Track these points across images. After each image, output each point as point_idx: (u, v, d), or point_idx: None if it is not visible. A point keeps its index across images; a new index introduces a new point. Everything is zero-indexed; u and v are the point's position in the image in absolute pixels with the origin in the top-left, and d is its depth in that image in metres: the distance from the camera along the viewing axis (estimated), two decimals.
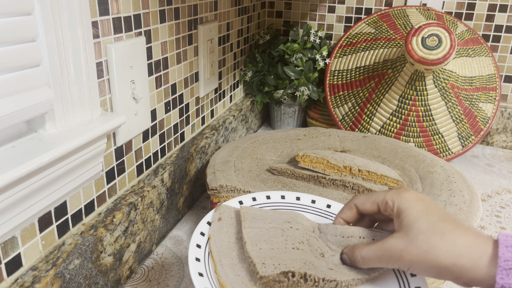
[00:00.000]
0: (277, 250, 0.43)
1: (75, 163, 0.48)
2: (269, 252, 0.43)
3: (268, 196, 0.56)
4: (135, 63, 0.59)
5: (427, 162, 0.73)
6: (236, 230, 0.48)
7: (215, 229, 0.47)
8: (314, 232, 0.48)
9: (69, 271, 0.48)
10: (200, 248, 0.44)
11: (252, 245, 0.44)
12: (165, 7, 0.66)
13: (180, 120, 0.77)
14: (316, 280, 0.41)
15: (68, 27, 0.46)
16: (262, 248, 0.43)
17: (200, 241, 0.45)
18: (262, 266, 0.41)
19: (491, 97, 1.00)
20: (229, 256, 0.44)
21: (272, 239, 0.45)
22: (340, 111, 1.02)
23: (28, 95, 0.43)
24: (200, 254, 0.44)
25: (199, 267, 0.42)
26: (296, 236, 0.46)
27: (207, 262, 0.43)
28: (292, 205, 0.56)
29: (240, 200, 0.54)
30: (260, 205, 0.55)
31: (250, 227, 0.46)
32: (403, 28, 1.03)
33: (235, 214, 0.50)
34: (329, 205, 0.56)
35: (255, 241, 0.44)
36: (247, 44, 1.07)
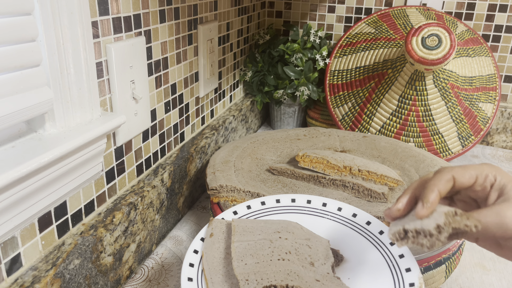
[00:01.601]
0: (262, 263, 0.44)
1: (75, 163, 0.48)
2: (253, 267, 0.44)
3: (263, 202, 0.56)
4: (135, 63, 0.59)
5: (427, 162, 0.73)
6: (226, 245, 0.48)
7: (207, 245, 0.48)
8: (309, 240, 0.48)
9: (69, 271, 0.48)
10: (193, 267, 0.45)
11: (238, 261, 0.44)
12: (165, 7, 0.66)
13: (180, 120, 0.77)
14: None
15: (68, 27, 0.46)
16: (248, 263, 0.44)
17: (193, 260, 0.46)
18: (245, 283, 0.42)
19: (491, 97, 1.00)
20: (219, 273, 0.45)
21: (258, 252, 0.45)
22: (340, 111, 1.02)
23: (28, 95, 0.43)
24: (193, 274, 0.45)
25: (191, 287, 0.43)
26: (283, 246, 0.46)
27: (200, 281, 0.44)
28: (288, 207, 0.56)
29: (235, 211, 0.54)
30: (255, 212, 0.55)
31: (239, 241, 0.47)
32: (403, 28, 1.03)
33: (226, 228, 0.51)
34: (325, 203, 0.56)
35: (241, 256, 0.45)
36: (247, 44, 1.07)
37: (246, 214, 0.54)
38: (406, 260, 0.46)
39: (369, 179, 0.67)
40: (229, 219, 0.53)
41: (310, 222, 0.54)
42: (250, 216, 0.54)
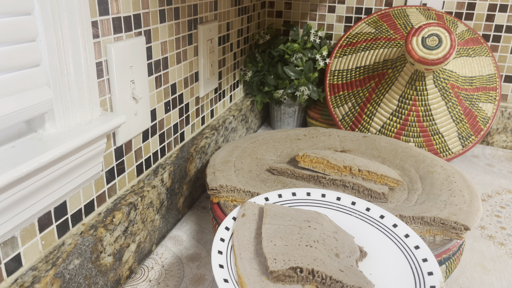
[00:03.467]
0: (291, 246, 0.46)
1: (75, 163, 0.48)
2: (282, 248, 0.46)
3: (294, 193, 0.58)
4: (135, 63, 0.59)
5: (427, 162, 0.73)
6: (257, 226, 0.51)
7: (238, 224, 0.50)
8: (336, 233, 0.50)
9: (69, 271, 0.48)
10: (223, 242, 0.48)
11: (268, 241, 0.47)
12: (165, 7, 0.66)
13: (180, 120, 0.77)
14: (324, 277, 0.43)
15: (68, 27, 0.46)
16: (277, 244, 0.46)
17: (224, 235, 0.49)
18: (273, 261, 0.44)
19: (491, 97, 1.00)
20: (248, 250, 0.47)
21: (287, 236, 0.48)
22: (340, 111, 1.02)
23: (28, 95, 0.43)
24: (222, 248, 0.47)
25: (220, 259, 0.45)
26: (312, 234, 0.48)
27: (229, 255, 0.47)
28: (317, 202, 0.58)
29: (266, 197, 0.57)
30: (285, 201, 0.57)
31: (270, 224, 0.49)
32: (403, 28, 1.02)
33: (258, 211, 0.53)
34: (354, 202, 0.57)
35: (271, 237, 0.47)
36: (247, 44, 1.07)
37: (276, 202, 0.57)
38: (430, 264, 0.47)
39: (369, 179, 0.67)
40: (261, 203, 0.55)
41: (338, 218, 0.55)
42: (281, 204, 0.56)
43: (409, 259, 0.48)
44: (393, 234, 0.52)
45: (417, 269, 0.47)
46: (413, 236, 0.51)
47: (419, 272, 0.46)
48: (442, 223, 0.57)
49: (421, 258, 0.48)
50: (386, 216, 0.55)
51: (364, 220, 0.55)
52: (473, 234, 0.74)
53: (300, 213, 0.52)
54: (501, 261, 0.67)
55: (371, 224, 0.54)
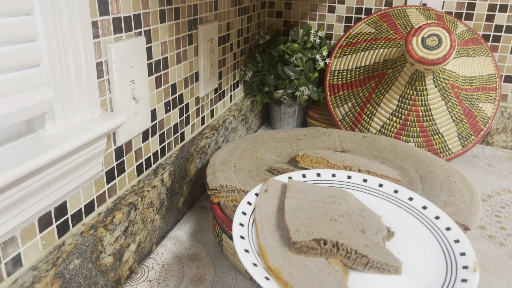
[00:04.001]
0: (314, 219, 0.45)
1: (75, 163, 0.48)
2: (305, 221, 0.45)
3: (318, 173, 0.57)
4: (135, 63, 0.59)
5: (427, 162, 0.73)
6: (279, 201, 0.50)
7: (261, 199, 0.50)
8: (362, 210, 0.48)
9: (69, 271, 0.48)
10: (245, 215, 0.48)
11: (291, 214, 0.46)
12: (165, 7, 0.66)
13: (180, 120, 0.77)
14: (348, 251, 0.42)
15: (68, 27, 0.46)
16: (300, 217, 0.45)
17: (246, 209, 0.49)
18: (296, 232, 0.43)
19: (491, 97, 1.00)
20: (270, 223, 0.46)
21: (311, 209, 0.47)
22: (340, 111, 1.02)
23: (28, 95, 0.43)
24: (244, 220, 0.47)
25: (241, 231, 0.45)
26: (337, 209, 0.47)
27: (250, 228, 0.46)
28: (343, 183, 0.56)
29: (290, 176, 0.56)
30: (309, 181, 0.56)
31: (293, 198, 0.49)
32: (403, 28, 1.03)
33: (281, 187, 0.53)
34: (381, 184, 0.56)
35: (294, 210, 0.46)
36: (247, 44, 1.07)
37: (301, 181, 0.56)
38: (462, 245, 0.45)
39: None
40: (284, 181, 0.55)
41: (365, 199, 0.54)
42: None
43: (439, 240, 0.47)
44: (423, 216, 0.50)
45: (448, 250, 0.45)
46: (443, 217, 0.49)
47: (451, 253, 0.45)
48: None
49: (453, 239, 0.46)
50: (414, 198, 0.53)
51: (392, 202, 0.53)
52: (473, 234, 0.74)
53: (325, 189, 0.51)
54: (501, 261, 0.67)
55: (399, 206, 0.52)
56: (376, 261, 0.41)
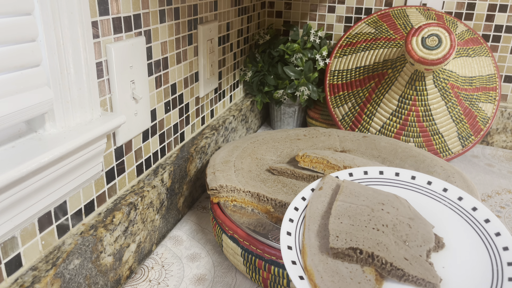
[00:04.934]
0: (356, 227, 0.45)
1: (75, 163, 0.48)
2: (347, 227, 0.45)
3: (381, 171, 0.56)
4: (135, 63, 0.59)
5: (427, 162, 0.73)
6: (330, 201, 0.51)
7: (314, 196, 0.51)
8: (412, 219, 0.47)
9: (69, 271, 0.48)
10: (297, 211, 0.49)
11: (335, 218, 0.46)
12: (165, 7, 0.66)
13: (180, 120, 0.77)
14: (383, 263, 0.42)
15: (68, 27, 0.46)
16: (343, 222, 0.46)
17: (298, 205, 0.50)
18: (335, 238, 0.44)
19: (491, 97, 1.00)
20: (316, 223, 0.47)
21: (356, 216, 0.47)
22: (340, 111, 1.02)
23: (28, 95, 0.43)
24: (295, 216, 0.48)
25: (290, 227, 0.46)
26: (382, 218, 0.47)
27: (300, 224, 0.47)
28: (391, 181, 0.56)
29: (351, 173, 0.56)
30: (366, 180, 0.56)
31: (342, 201, 0.49)
32: (403, 28, 1.03)
33: (336, 186, 0.53)
34: (430, 181, 0.54)
35: (340, 214, 0.47)
36: (247, 44, 1.07)
37: (360, 179, 0.56)
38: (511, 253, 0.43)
39: None
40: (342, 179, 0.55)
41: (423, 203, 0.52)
42: (363, 183, 0.55)
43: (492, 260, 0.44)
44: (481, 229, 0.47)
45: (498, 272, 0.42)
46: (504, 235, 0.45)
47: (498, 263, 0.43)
48: None
49: (507, 262, 0.43)
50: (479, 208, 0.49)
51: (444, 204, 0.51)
52: None
53: (377, 194, 0.50)
54: None
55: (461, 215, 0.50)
56: (412, 275, 0.41)
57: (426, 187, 0.54)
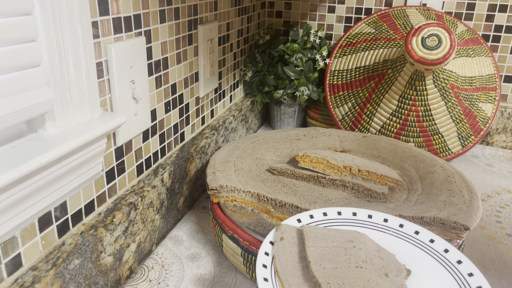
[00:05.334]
0: (341, 269, 0.44)
1: (75, 163, 0.48)
2: (333, 271, 0.44)
3: (325, 213, 0.56)
4: (135, 63, 0.59)
5: (427, 162, 0.73)
6: (299, 249, 0.49)
7: (278, 248, 0.48)
8: (379, 251, 0.48)
9: (69, 271, 0.48)
10: (266, 268, 0.46)
11: (316, 265, 0.45)
12: (165, 7, 0.66)
13: (180, 120, 0.77)
14: None
15: (68, 27, 0.46)
16: (326, 267, 0.45)
17: (265, 262, 0.47)
18: (327, 285, 0.42)
19: (491, 97, 1.00)
20: (295, 276, 0.45)
21: (335, 258, 0.46)
22: (340, 111, 1.02)
23: (28, 95, 0.43)
24: (267, 274, 0.45)
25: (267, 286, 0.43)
26: (359, 255, 0.46)
27: (275, 281, 0.45)
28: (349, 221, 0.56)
29: (298, 218, 0.55)
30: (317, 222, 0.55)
31: (314, 246, 0.48)
32: (403, 28, 1.03)
33: (296, 233, 0.51)
34: (386, 219, 0.55)
35: (319, 260, 0.46)
36: (247, 44, 1.07)
37: (309, 223, 0.54)
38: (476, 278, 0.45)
39: (369, 179, 0.67)
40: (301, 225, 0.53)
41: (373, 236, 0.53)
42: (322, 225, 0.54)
43: (453, 275, 0.46)
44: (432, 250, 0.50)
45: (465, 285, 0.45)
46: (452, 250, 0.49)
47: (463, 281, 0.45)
48: (442, 223, 0.57)
49: (467, 273, 0.46)
50: (421, 231, 0.53)
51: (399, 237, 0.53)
52: (472, 234, 0.74)
53: (341, 233, 0.50)
54: (501, 261, 0.67)
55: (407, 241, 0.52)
56: None
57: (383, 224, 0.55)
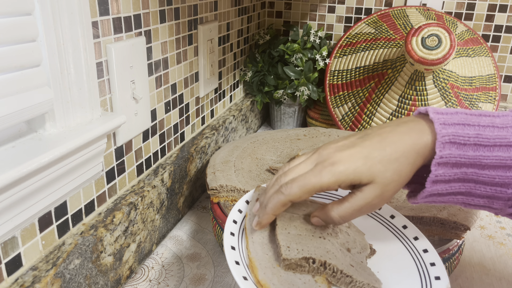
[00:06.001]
0: (304, 236, 0.45)
1: (75, 163, 0.48)
2: (296, 238, 0.45)
3: None
4: (135, 63, 0.59)
5: None
6: None
7: (251, 207, 0.49)
8: (349, 228, 0.50)
9: (69, 271, 0.48)
10: (236, 224, 0.47)
11: (282, 229, 0.46)
12: (165, 7, 0.66)
13: (180, 120, 0.77)
14: (335, 271, 0.43)
15: (68, 27, 0.46)
16: (291, 232, 0.46)
17: (236, 218, 0.48)
18: (287, 249, 0.43)
19: (491, 97, 1.00)
20: (260, 235, 0.46)
21: (302, 225, 0.47)
22: (340, 111, 1.02)
23: (28, 95, 0.43)
24: (235, 229, 0.47)
25: (232, 241, 0.45)
26: (325, 227, 0.47)
27: (241, 238, 0.46)
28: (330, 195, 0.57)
29: None
30: None
31: (285, 211, 0.48)
32: (403, 28, 1.03)
33: None
34: None
35: (285, 225, 0.46)
36: (247, 44, 1.07)
37: None
38: (437, 269, 0.47)
39: None
40: None
41: None
42: None
43: (416, 262, 0.48)
44: (403, 236, 0.52)
45: (424, 272, 0.46)
46: (422, 239, 0.51)
47: (426, 276, 0.46)
48: (442, 223, 0.57)
49: (429, 262, 0.47)
50: (396, 216, 0.54)
51: (374, 219, 0.55)
52: (472, 234, 0.74)
53: (315, 203, 0.51)
54: (501, 261, 0.67)
55: (380, 223, 0.54)
56: (359, 281, 0.43)
57: None
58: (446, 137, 0.39)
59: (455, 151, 0.39)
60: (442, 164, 0.40)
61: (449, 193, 0.42)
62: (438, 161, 0.39)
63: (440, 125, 0.40)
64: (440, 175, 0.40)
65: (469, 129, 0.40)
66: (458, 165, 0.40)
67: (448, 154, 0.39)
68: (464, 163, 0.39)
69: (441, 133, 0.39)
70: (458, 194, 0.42)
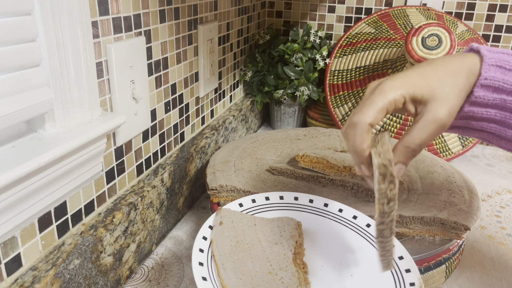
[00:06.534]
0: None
1: (75, 163, 0.48)
2: None
3: (267, 197, 0.57)
4: (135, 63, 0.59)
5: (427, 162, 0.73)
6: (236, 234, 0.49)
7: (216, 233, 0.48)
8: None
9: (69, 271, 0.48)
10: (203, 253, 0.46)
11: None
12: (165, 7, 0.66)
13: (180, 120, 0.77)
14: None
15: (68, 27, 0.46)
16: None
17: (202, 246, 0.47)
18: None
19: None
20: (231, 260, 0.45)
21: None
22: (340, 111, 1.02)
23: (28, 95, 0.43)
24: (203, 259, 0.45)
25: (202, 272, 0.43)
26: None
27: (210, 266, 0.45)
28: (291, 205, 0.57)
29: (240, 203, 0.55)
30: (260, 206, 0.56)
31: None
32: (403, 28, 1.03)
33: (236, 218, 0.52)
34: (326, 204, 0.57)
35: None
36: (247, 44, 1.07)
37: (250, 208, 0.55)
38: (406, 261, 0.47)
39: None
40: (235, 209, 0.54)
41: (312, 221, 0.55)
42: (254, 210, 0.55)
43: None
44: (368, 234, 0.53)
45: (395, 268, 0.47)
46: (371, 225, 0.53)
47: (397, 269, 0.47)
48: (442, 223, 0.57)
49: (397, 256, 0.48)
50: (359, 216, 0.55)
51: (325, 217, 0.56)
52: (473, 234, 0.74)
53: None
54: (501, 261, 0.67)
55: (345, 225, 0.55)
56: None
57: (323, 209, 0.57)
58: (492, 59, 0.42)
59: (499, 75, 0.41)
60: (485, 86, 0.42)
61: (483, 119, 0.43)
62: (482, 82, 0.41)
63: (487, 51, 0.43)
64: (479, 97, 0.42)
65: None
66: (499, 90, 0.42)
67: (492, 77, 0.41)
68: (505, 89, 0.41)
69: (488, 56, 0.42)
70: (492, 122, 0.43)
